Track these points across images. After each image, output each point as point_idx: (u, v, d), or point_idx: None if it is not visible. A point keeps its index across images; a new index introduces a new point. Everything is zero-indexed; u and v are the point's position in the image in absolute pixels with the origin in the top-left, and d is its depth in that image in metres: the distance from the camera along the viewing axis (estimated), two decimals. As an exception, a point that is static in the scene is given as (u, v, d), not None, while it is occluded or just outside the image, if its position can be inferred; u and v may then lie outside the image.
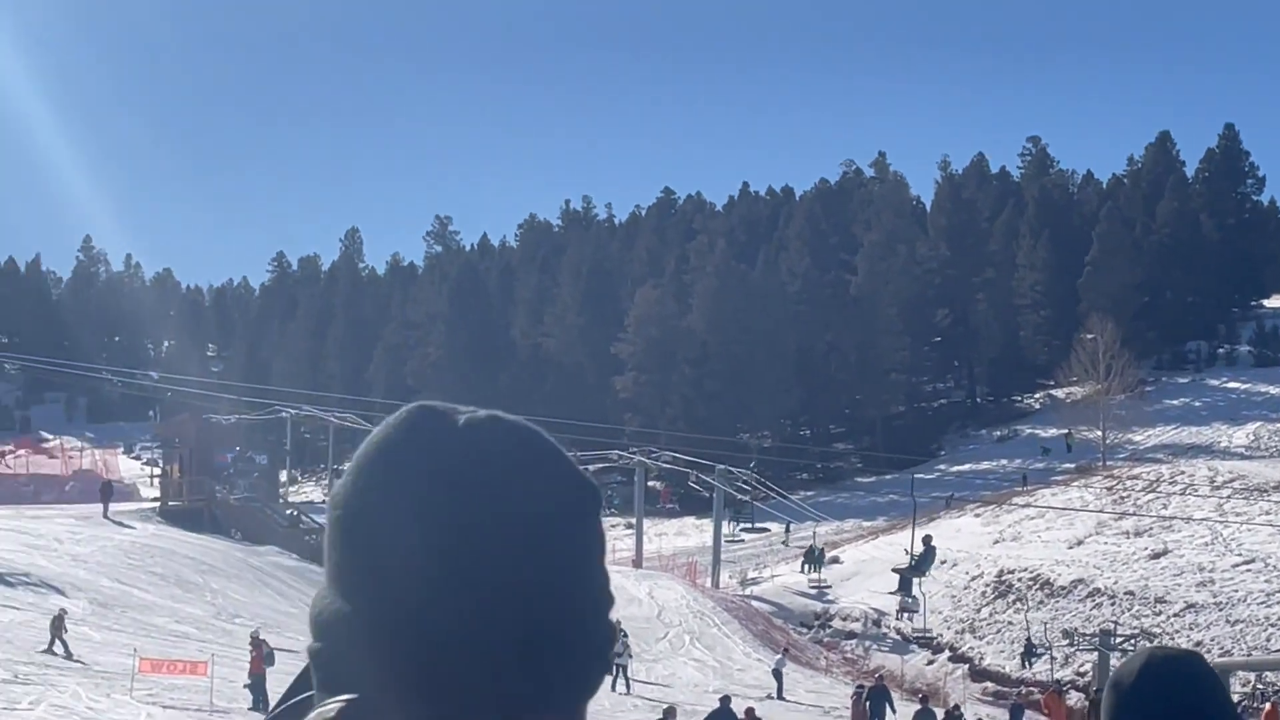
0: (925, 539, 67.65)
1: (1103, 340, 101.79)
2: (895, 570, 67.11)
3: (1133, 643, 47.47)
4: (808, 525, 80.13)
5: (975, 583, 65.99)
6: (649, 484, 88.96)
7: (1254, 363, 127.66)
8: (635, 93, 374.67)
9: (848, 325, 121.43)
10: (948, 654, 61.09)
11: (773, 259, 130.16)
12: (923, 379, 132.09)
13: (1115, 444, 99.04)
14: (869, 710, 42.51)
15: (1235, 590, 57.99)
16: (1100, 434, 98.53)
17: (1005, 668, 58.41)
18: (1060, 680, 52.80)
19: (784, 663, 51.57)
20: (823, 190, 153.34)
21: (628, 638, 47.96)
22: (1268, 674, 49.80)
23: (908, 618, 64.18)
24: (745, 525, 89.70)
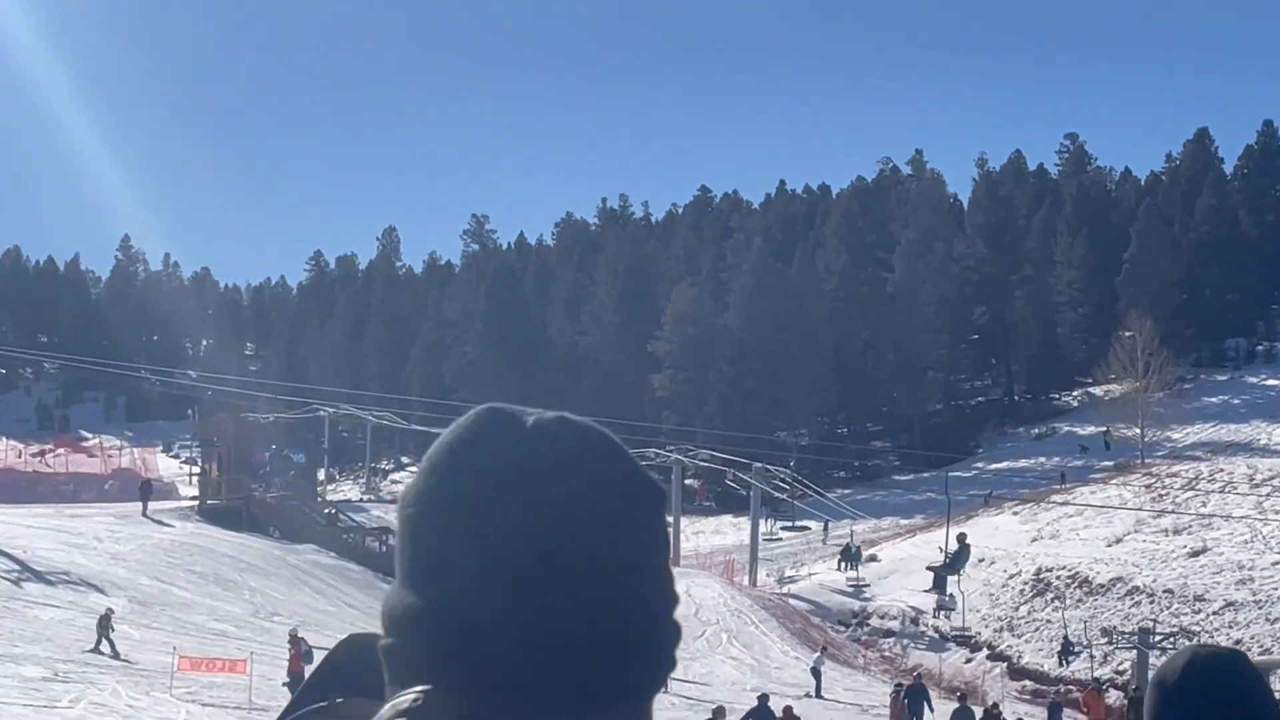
0: (960, 537, 67.59)
1: (1141, 338, 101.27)
2: (930, 568, 67.11)
3: (1172, 641, 47.15)
4: (845, 523, 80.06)
5: (1013, 581, 65.72)
6: (686, 482, 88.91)
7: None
8: (671, 92, 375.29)
9: (885, 323, 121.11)
10: (986, 652, 60.92)
11: (809, 257, 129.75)
12: (960, 377, 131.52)
13: (1154, 442, 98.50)
14: (907, 708, 42.49)
15: (1275, 588, 57.58)
16: (1139, 432, 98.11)
17: (1043, 666, 58.17)
18: (1099, 678, 52.62)
19: (822, 661, 51.49)
20: (859, 188, 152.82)
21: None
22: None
23: (945, 616, 64.09)
24: (784, 524, 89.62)
